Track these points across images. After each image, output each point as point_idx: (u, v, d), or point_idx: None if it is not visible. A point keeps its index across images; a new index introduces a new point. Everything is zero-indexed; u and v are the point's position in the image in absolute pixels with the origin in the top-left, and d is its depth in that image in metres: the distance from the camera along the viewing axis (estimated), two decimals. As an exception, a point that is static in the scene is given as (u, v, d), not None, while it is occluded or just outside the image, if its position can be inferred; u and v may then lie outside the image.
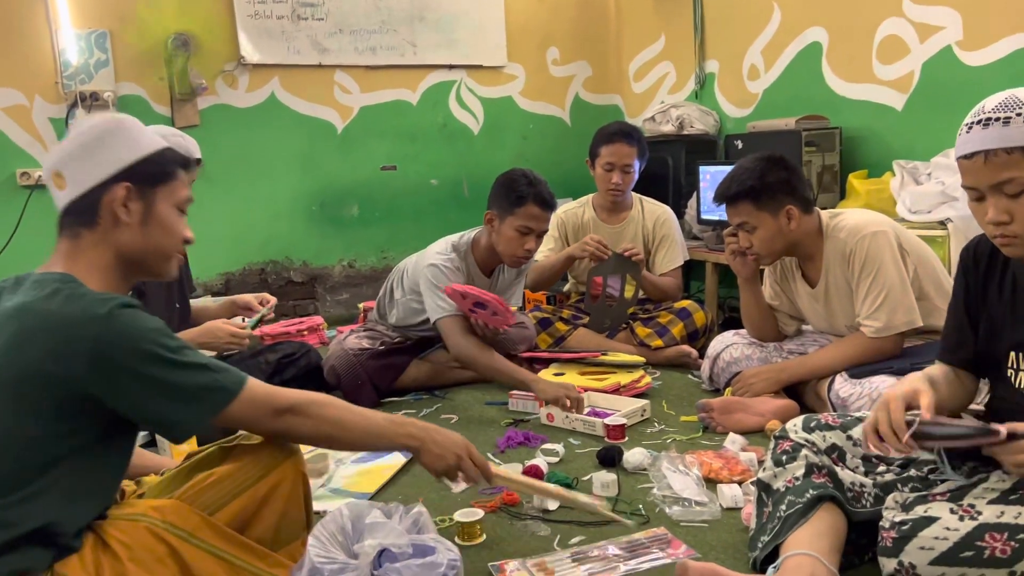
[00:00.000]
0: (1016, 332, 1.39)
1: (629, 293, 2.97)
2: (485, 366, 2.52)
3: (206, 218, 3.94)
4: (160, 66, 3.86)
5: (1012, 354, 1.39)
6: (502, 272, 2.79)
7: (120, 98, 3.81)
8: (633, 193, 3.25)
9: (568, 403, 2.36)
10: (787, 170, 2.24)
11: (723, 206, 2.29)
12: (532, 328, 2.97)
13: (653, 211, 3.23)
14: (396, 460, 2.08)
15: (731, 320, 3.64)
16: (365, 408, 1.41)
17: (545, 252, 3.21)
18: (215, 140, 3.96)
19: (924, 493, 1.36)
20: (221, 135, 4.01)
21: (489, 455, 2.15)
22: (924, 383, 1.40)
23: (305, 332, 3.59)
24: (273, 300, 2.61)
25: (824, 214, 2.31)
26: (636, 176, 3.14)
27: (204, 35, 3.91)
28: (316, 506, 1.63)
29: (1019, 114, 1.26)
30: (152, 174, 1.31)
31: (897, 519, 1.28)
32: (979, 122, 1.28)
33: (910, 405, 1.35)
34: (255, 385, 1.30)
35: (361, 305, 3.84)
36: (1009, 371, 1.39)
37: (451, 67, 4.41)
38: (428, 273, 2.62)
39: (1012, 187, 1.27)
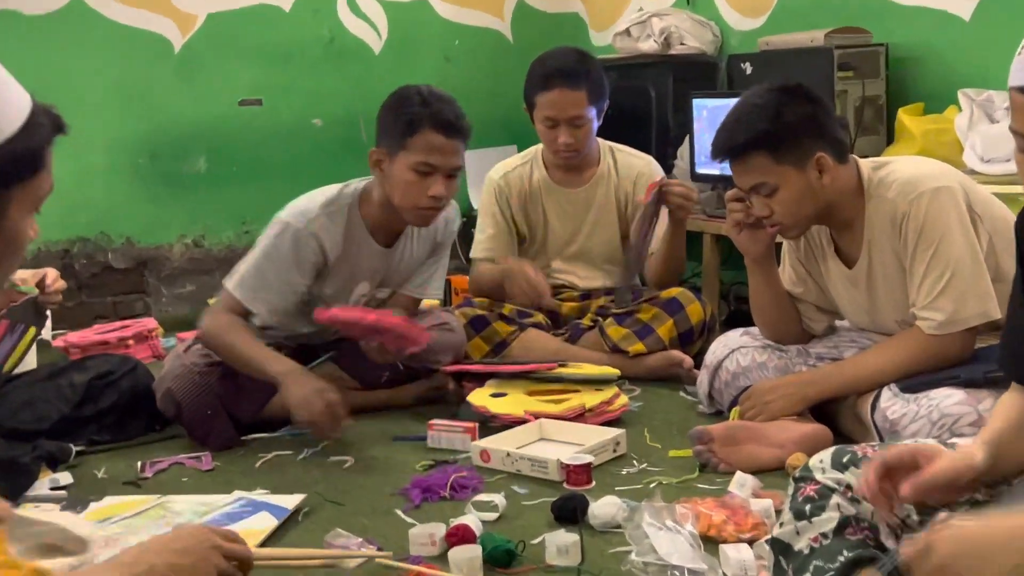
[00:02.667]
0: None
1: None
2: (226, 346, 2.56)
3: (-20, 178, 3.89)
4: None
5: None
6: (411, 240, 2.80)
7: None
8: (600, 141, 3.28)
9: (324, 420, 2.37)
10: (811, 102, 2.26)
11: (723, 160, 2.31)
12: (460, 330, 2.99)
13: (630, 165, 3.28)
14: (265, 524, 2.08)
15: (738, 315, 3.68)
16: None
17: (484, 242, 3.24)
18: (-8, 63, 3.92)
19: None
20: (2, 53, 3.94)
21: (399, 513, 2.15)
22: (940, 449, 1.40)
23: (130, 341, 3.65)
24: (60, 283, 2.51)
25: (865, 164, 2.34)
26: (595, 125, 3.17)
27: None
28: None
29: None
30: (10, 169, 1.24)
31: None
32: None
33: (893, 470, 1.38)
34: None
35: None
36: None
37: (340, -44, 4.49)
38: (261, 249, 2.63)
39: None
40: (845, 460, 1.52)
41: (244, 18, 4.34)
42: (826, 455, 1.54)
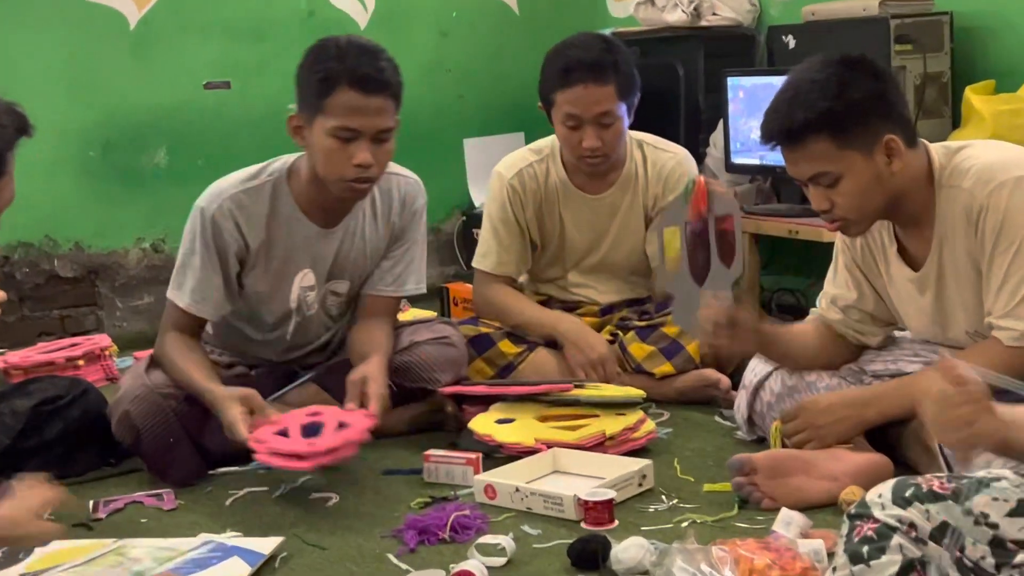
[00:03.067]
0: None
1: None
2: (175, 373, 2.61)
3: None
4: None
5: None
6: (361, 222, 2.77)
7: None
8: (629, 132, 3.23)
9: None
10: (878, 78, 2.25)
11: (775, 146, 2.29)
12: (461, 345, 2.99)
13: (661, 163, 3.24)
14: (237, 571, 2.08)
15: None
16: None
17: (496, 254, 3.18)
18: (-81, 41, 3.96)
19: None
20: None
21: (392, 558, 2.15)
22: None
23: (79, 361, 3.62)
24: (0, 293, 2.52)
25: (936, 149, 2.33)
26: (625, 124, 3.13)
27: None
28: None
29: None
30: None
31: None
32: None
33: None
34: None
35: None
36: None
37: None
38: (182, 242, 2.68)
39: None
40: (908, 494, 1.52)
41: (210, -10, 4.36)
42: (886, 488, 1.53)
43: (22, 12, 4.12)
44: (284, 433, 2.42)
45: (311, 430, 2.43)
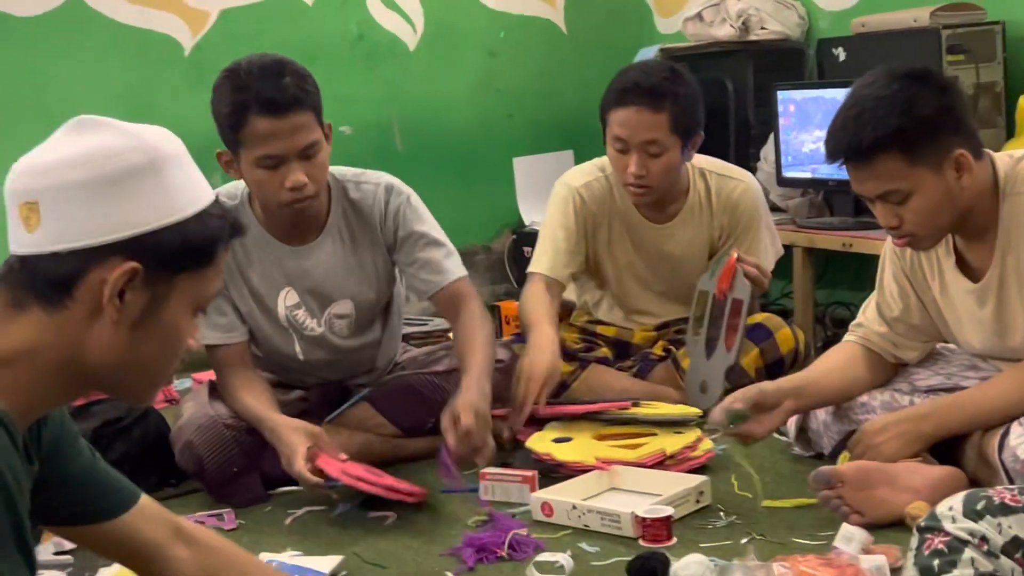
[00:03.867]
0: None
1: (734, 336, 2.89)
2: (238, 411, 2.64)
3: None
4: None
5: None
6: (338, 238, 2.72)
7: None
8: (696, 157, 3.16)
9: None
10: (944, 92, 2.24)
11: (841, 164, 2.27)
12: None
13: (727, 192, 3.16)
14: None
15: (836, 341, 3.54)
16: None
17: (552, 257, 3.07)
18: (-20, 71, 4.03)
19: None
20: None
21: (449, 577, 2.17)
22: None
23: None
24: None
25: (1001, 159, 2.32)
26: (680, 159, 3.03)
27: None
28: None
29: None
30: (180, 252, 1.34)
31: None
32: None
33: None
34: None
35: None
36: None
37: (368, -59, 4.51)
38: None
39: None
40: (979, 507, 1.51)
41: (261, 14, 4.36)
42: (956, 501, 1.53)
43: (80, 41, 4.16)
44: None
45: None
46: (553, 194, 3.21)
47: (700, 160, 3.18)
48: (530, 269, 3.16)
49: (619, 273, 3.22)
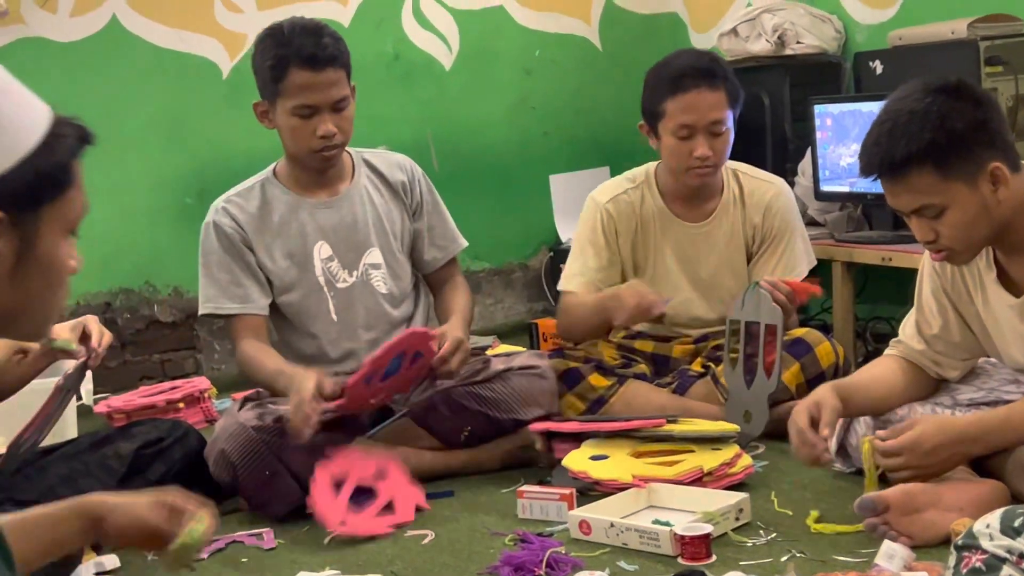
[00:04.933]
0: None
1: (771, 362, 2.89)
2: (255, 378, 2.86)
3: (10, 224, 4.00)
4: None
5: None
6: (370, 190, 3.02)
7: None
8: (728, 161, 3.21)
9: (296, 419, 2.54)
10: (979, 104, 2.21)
11: (875, 179, 2.27)
12: (552, 377, 3.00)
13: (760, 192, 3.23)
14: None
15: (877, 356, 3.55)
16: None
17: (585, 273, 3.17)
18: (21, 95, 4.03)
19: None
20: (32, 86, 4.00)
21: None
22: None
23: (180, 404, 3.68)
24: (107, 336, 2.59)
25: None
26: (732, 136, 3.13)
27: (-5, -71, 3.99)
28: None
29: None
30: (37, 186, 1.30)
31: None
32: None
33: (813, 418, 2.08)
34: None
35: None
36: None
37: (402, -39, 4.55)
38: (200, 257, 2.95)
39: None
40: (1017, 524, 1.50)
41: (298, 35, 4.42)
42: (993, 518, 1.52)
43: (119, 65, 4.21)
44: (341, 482, 2.58)
45: (364, 492, 2.60)
46: (582, 211, 3.28)
47: (732, 163, 3.24)
48: (562, 287, 3.24)
49: (659, 277, 3.23)
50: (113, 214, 4.16)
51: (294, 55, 2.75)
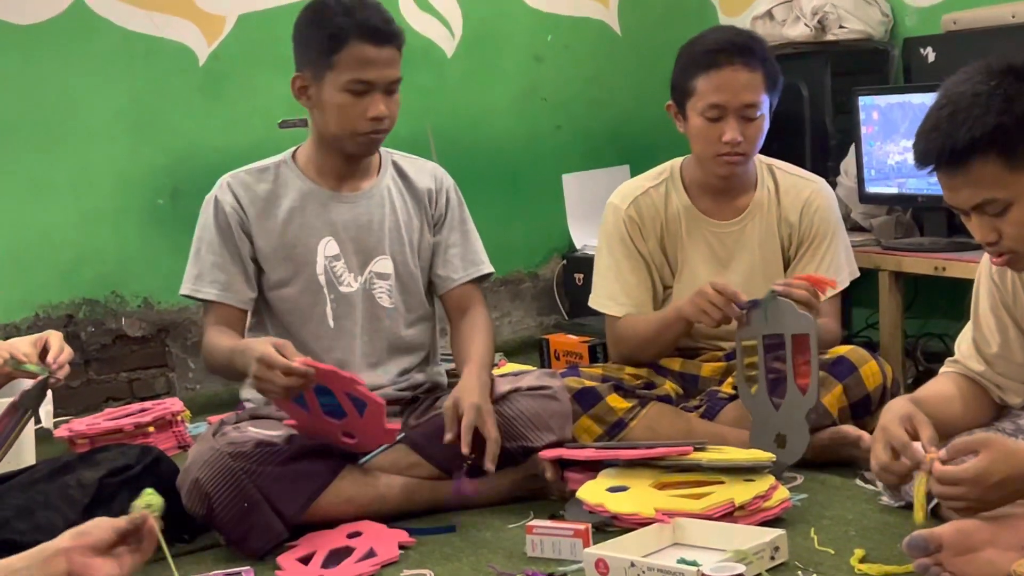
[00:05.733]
0: None
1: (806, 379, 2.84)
2: (214, 365, 2.82)
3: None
4: None
5: None
6: (394, 192, 2.96)
7: None
8: (757, 157, 3.21)
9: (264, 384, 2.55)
10: None
11: (932, 170, 2.21)
12: (565, 399, 2.95)
13: (795, 190, 3.21)
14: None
15: (929, 377, 3.64)
16: None
17: (625, 292, 3.18)
18: (-21, 82, 4.09)
19: None
20: None
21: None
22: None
23: (150, 428, 3.66)
24: (67, 351, 2.60)
25: None
26: (766, 125, 3.12)
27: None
28: None
29: None
30: None
31: None
32: None
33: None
34: None
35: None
36: None
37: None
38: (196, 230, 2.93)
39: None
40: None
41: (284, 19, 4.26)
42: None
43: (84, 50, 4.19)
44: (308, 558, 2.56)
45: (340, 553, 2.57)
46: (603, 220, 3.29)
47: (767, 158, 3.25)
48: (606, 311, 3.24)
49: (685, 282, 3.19)
50: (75, 216, 4.21)
51: (357, 26, 2.74)
